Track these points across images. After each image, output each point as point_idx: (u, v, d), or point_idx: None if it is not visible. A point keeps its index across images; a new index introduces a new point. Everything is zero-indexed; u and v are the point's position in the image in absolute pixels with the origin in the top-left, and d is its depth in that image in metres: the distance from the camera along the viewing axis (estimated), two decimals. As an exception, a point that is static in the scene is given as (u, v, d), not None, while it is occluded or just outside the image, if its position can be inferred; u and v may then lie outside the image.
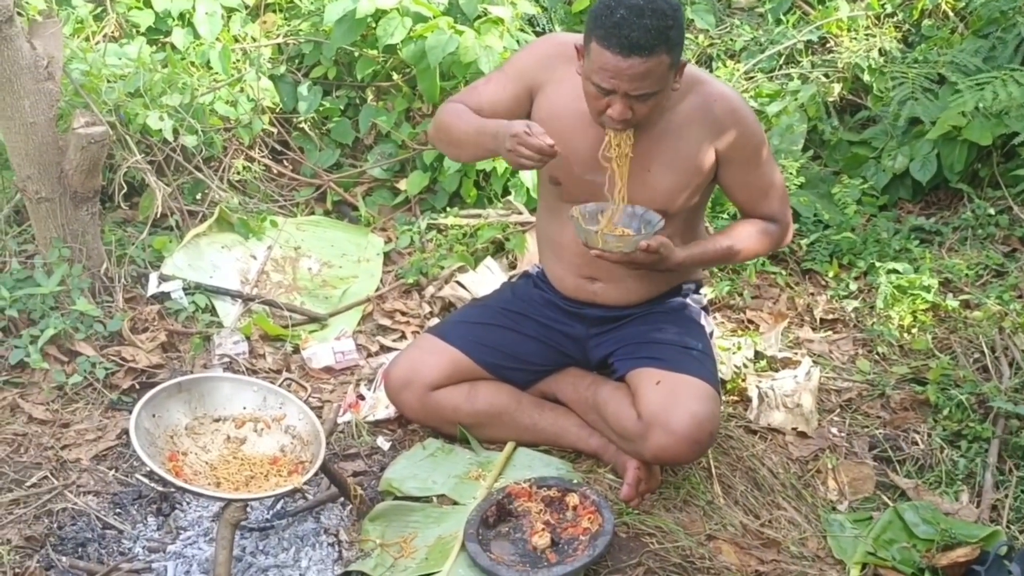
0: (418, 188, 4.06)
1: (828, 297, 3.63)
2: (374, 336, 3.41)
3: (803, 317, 3.55)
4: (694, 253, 2.57)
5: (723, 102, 2.54)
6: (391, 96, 4.24)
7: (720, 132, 2.53)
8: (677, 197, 2.56)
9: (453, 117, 2.59)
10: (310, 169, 4.19)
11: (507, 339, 2.76)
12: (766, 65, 4.46)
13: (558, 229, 2.70)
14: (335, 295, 3.58)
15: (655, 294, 2.75)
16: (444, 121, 2.62)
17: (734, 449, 2.82)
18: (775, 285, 3.69)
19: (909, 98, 4.08)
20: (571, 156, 2.54)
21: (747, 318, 3.51)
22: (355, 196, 4.14)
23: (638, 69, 2.29)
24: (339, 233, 3.90)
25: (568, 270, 2.73)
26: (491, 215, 3.83)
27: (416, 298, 3.59)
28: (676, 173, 2.54)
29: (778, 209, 2.65)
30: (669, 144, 2.53)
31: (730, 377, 3.12)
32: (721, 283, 3.61)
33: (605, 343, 2.74)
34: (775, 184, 2.64)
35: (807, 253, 3.80)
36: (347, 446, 2.85)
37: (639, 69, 2.30)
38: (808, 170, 4.08)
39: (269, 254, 3.67)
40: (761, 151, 2.59)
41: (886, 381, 3.21)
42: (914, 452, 2.94)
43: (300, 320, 3.42)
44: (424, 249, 3.79)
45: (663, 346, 2.65)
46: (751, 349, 3.24)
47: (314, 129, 4.29)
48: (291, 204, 4.06)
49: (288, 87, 4.23)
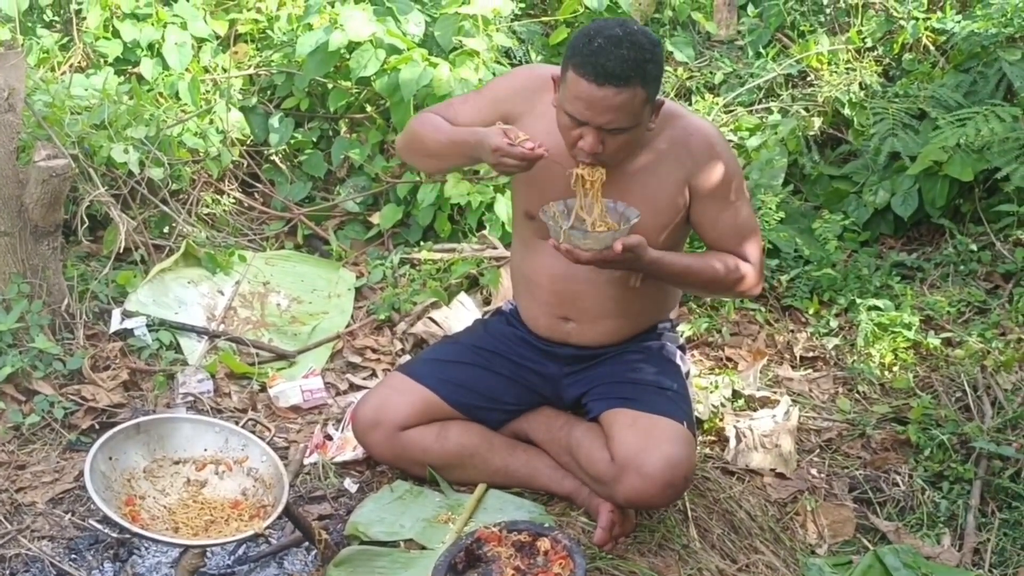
0: (391, 222, 4.07)
1: (808, 334, 3.64)
2: (343, 374, 3.40)
3: (783, 355, 3.55)
4: (666, 257, 2.52)
5: (700, 136, 2.53)
6: (364, 128, 4.26)
7: (695, 166, 2.52)
8: (652, 238, 2.53)
9: (428, 128, 2.59)
10: (280, 202, 4.19)
11: (479, 378, 2.75)
12: (746, 99, 4.50)
13: (532, 266, 2.69)
14: (304, 331, 3.57)
15: (630, 334, 2.73)
16: (418, 131, 2.61)
17: (711, 491, 2.80)
18: (754, 322, 3.69)
19: (890, 133, 4.12)
20: (547, 191, 2.53)
21: (725, 356, 3.51)
22: (326, 230, 4.15)
23: (612, 101, 2.30)
24: (309, 268, 3.90)
25: (542, 309, 2.72)
26: (465, 250, 3.84)
27: (388, 334, 3.58)
28: (650, 212, 2.52)
29: (752, 254, 2.61)
30: (643, 181, 2.53)
31: (707, 416, 3.11)
32: (699, 320, 3.62)
33: (579, 383, 2.72)
34: (749, 225, 2.62)
35: (787, 289, 3.81)
36: (313, 488, 2.82)
37: (612, 101, 2.30)
38: (788, 205, 4.09)
39: (237, 289, 3.67)
40: (738, 190, 2.58)
41: (867, 420, 3.21)
42: (895, 494, 2.93)
43: (267, 357, 3.41)
44: (396, 284, 3.79)
45: (638, 386, 2.63)
46: (729, 388, 3.24)
47: (285, 161, 4.30)
48: (260, 238, 4.07)
49: (259, 119, 4.24)
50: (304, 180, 4.29)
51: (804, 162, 4.29)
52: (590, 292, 2.61)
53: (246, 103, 4.22)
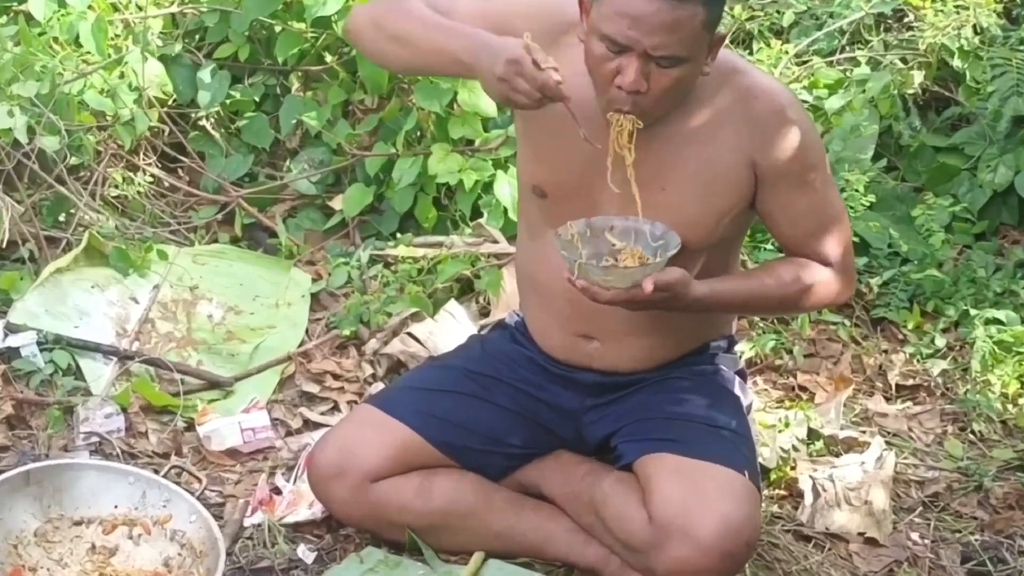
0: (358, 207, 4.05)
1: (907, 356, 3.61)
2: (296, 407, 3.38)
3: (873, 383, 3.53)
4: (717, 291, 2.54)
5: (767, 99, 2.52)
6: (323, 85, 4.23)
7: (761, 139, 2.52)
8: (702, 226, 2.54)
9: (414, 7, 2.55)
10: (213, 182, 4.17)
11: (474, 412, 2.74)
12: (824, 46, 4.45)
13: (543, 265, 2.66)
14: (244, 352, 3.56)
15: (673, 356, 2.72)
16: (393, 7, 2.58)
17: (780, 562, 2.78)
18: (836, 340, 3.67)
19: (1014, 92, 4.10)
20: (565, 157, 2.52)
21: (798, 384, 3.49)
22: (273, 218, 4.11)
23: (665, 16, 2.30)
24: (251, 268, 3.88)
25: (556, 322, 2.70)
26: (456, 244, 3.81)
27: (354, 356, 3.56)
28: (701, 194, 2.52)
29: (835, 251, 2.62)
30: (692, 153, 2.52)
31: (775, 464, 3.10)
32: (764, 337, 3.60)
33: (606, 419, 2.71)
34: (834, 216, 2.62)
35: (879, 297, 3.78)
36: (257, 557, 2.80)
37: (666, 17, 2.30)
38: (880, 186, 4.05)
39: (156, 296, 3.65)
40: (816, 168, 2.57)
41: (984, 469, 3.20)
42: (1021, 565, 2.92)
43: (196, 386, 3.39)
44: (366, 290, 3.76)
45: (683, 423, 2.62)
46: (803, 426, 3.22)
47: (219, 128, 4.28)
48: (187, 228, 4.03)
49: (185, 72, 4.22)
50: (244, 152, 4.25)
51: (900, 129, 4.24)
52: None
53: (168, 51, 4.20)
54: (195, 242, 3.98)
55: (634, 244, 2.48)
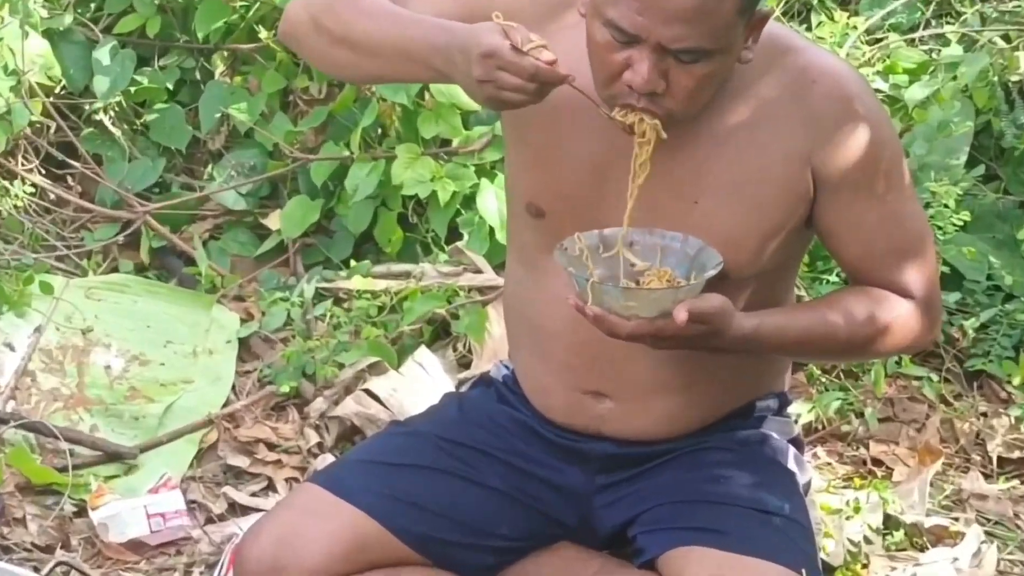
0: (301, 227, 4.11)
1: (1012, 420, 3.65)
2: (219, 486, 3.41)
3: (968, 455, 3.57)
4: (768, 326, 2.49)
5: (828, 85, 2.49)
6: (256, 68, 4.31)
7: (821, 136, 2.49)
8: (745, 249, 2.50)
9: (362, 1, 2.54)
10: (112, 193, 4.21)
11: (451, 495, 2.69)
12: (903, 20, 4.55)
13: (540, 300, 2.64)
14: (152, 414, 3.60)
15: (708, 419, 2.68)
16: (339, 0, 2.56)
17: None
18: (919, 399, 3.72)
19: None
20: (568, 164, 2.51)
21: (871, 457, 3.54)
22: (190, 240, 4.15)
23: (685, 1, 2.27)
24: (161, 305, 3.94)
25: (558, 375, 2.66)
26: (428, 274, 3.86)
27: (294, 419, 3.62)
28: (744, 208, 2.49)
29: (916, 281, 2.58)
30: (732, 156, 2.49)
31: (842, 561, 3.10)
32: (826, 396, 3.60)
33: (622, 502, 2.67)
34: (914, 236, 2.59)
35: (975, 344, 3.82)
36: None
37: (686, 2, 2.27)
38: (976, 200, 4.08)
39: (37, 342, 3.70)
40: (892, 174, 2.54)
41: (1109, 566, 3.21)
42: None
43: (90, 458, 3.42)
44: (310, 334, 3.79)
45: (722, 508, 2.58)
46: (878, 511, 3.23)
47: (121, 124, 4.33)
48: (78, 254, 4.12)
49: (77, 51, 4.33)
50: (153, 155, 4.34)
51: (1002, 127, 4.27)
52: (638, 350, 2.52)
53: (54, 24, 4.27)
54: (89, 271, 4.04)
55: (660, 265, 2.45)
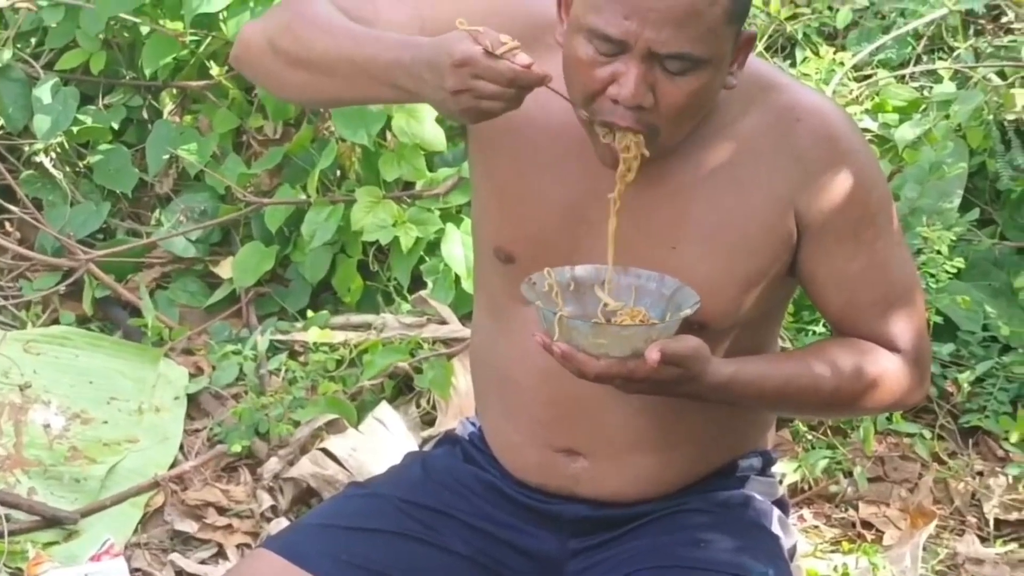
0: (254, 276, 4.23)
1: (1010, 480, 3.75)
2: (166, 553, 3.50)
3: (964, 517, 3.66)
4: (746, 374, 2.48)
5: (813, 123, 2.49)
6: (207, 107, 4.37)
7: (805, 177, 2.48)
8: (725, 297, 2.48)
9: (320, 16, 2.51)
10: (53, 240, 4.28)
11: (413, 559, 2.66)
12: (893, 55, 4.64)
13: (510, 352, 2.63)
14: (94, 476, 3.70)
15: (688, 480, 2.65)
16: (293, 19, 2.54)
17: None
18: (910, 457, 3.81)
19: None
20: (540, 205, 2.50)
21: (861, 519, 3.63)
22: (136, 290, 4.25)
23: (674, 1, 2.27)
24: (105, 359, 4.05)
25: (529, 432, 2.63)
26: (390, 325, 3.98)
27: (247, 481, 3.71)
28: (725, 254, 2.47)
29: (904, 333, 2.56)
30: (712, 199, 2.48)
31: (831, 631, 3.05)
32: (813, 454, 3.68)
33: (596, 568, 2.64)
34: (902, 285, 2.58)
35: (970, 398, 3.92)
36: None
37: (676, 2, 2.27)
38: (971, 246, 4.19)
39: (-29, 398, 3.62)
40: (879, 219, 2.53)
41: (1119, 641, 3.23)
42: None
43: (26, 523, 3.52)
44: (263, 389, 3.90)
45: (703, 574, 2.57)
46: (870, 577, 3.04)
47: (63, 166, 4.40)
48: (15, 304, 4.19)
49: (16, 88, 4.40)
50: (97, 199, 4.43)
51: (998, 169, 4.29)
52: (613, 404, 2.57)
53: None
54: (28, 323, 4.17)
55: (635, 305, 2.46)
